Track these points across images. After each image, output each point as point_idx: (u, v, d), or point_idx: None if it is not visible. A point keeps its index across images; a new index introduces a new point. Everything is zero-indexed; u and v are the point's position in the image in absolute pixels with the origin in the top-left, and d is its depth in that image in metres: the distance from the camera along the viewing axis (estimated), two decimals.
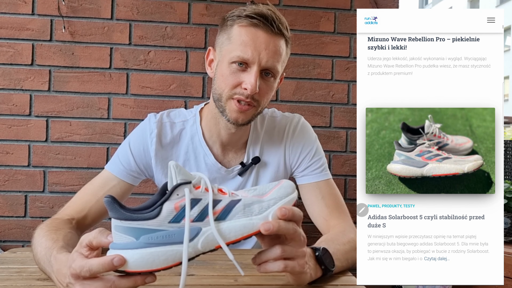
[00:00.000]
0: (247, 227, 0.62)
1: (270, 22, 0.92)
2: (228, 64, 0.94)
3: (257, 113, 0.99)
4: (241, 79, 0.93)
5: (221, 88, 0.95)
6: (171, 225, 0.59)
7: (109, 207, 0.59)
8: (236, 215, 0.63)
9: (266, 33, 0.92)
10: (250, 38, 0.92)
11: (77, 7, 1.55)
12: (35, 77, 1.54)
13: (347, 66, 1.66)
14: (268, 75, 0.95)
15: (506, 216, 1.44)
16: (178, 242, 0.59)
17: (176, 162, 0.63)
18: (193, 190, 0.62)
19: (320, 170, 1.07)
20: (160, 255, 0.58)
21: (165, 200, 0.61)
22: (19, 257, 0.93)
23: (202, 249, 0.60)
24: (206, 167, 1.05)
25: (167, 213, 0.60)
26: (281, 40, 0.96)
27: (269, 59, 0.92)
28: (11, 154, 1.54)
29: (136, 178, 1.05)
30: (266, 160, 1.09)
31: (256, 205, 0.64)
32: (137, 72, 1.58)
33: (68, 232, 0.84)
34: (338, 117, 1.66)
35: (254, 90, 0.91)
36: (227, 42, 0.95)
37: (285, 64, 1.01)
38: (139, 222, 0.59)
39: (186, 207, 0.60)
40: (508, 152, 1.73)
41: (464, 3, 23.93)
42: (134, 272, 0.58)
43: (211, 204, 0.61)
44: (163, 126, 1.05)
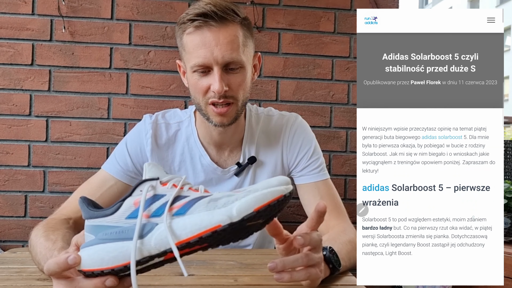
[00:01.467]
0: (204, 221, 0.53)
1: (210, 17, 0.89)
2: (191, 73, 0.94)
3: (239, 108, 0.98)
4: (207, 82, 0.93)
5: (195, 97, 0.97)
6: (127, 221, 0.56)
7: (80, 206, 0.58)
8: (196, 209, 0.55)
9: (211, 30, 0.90)
10: (198, 41, 0.91)
11: (77, 7, 1.55)
12: (35, 77, 1.54)
13: (347, 66, 1.66)
14: (233, 69, 0.93)
15: (506, 216, 1.44)
16: (129, 239, 0.54)
17: (153, 163, 0.61)
18: (159, 186, 0.58)
19: (318, 170, 1.07)
20: (110, 252, 0.54)
21: (127, 196, 0.58)
22: (19, 257, 0.93)
23: (155, 247, 0.53)
24: (202, 167, 1.05)
25: (125, 209, 0.57)
26: (231, 28, 0.91)
27: (224, 53, 0.90)
28: (11, 154, 1.54)
29: (133, 178, 1.05)
30: (262, 159, 1.08)
31: (224, 198, 0.55)
32: (137, 72, 1.58)
33: (66, 232, 0.83)
34: (338, 117, 1.66)
35: (221, 90, 0.90)
36: (183, 52, 0.96)
37: (249, 47, 0.97)
38: (99, 219, 0.57)
39: (142, 200, 0.56)
40: (508, 152, 1.73)
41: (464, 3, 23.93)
42: (88, 271, 0.55)
43: (172, 198, 0.56)
44: (158, 127, 1.05)
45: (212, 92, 0.92)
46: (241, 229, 0.54)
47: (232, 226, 0.52)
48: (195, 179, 1.05)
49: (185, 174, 1.04)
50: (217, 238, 0.53)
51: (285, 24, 1.63)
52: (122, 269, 0.54)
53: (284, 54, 1.63)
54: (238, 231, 0.54)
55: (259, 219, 0.54)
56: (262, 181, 0.56)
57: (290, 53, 1.64)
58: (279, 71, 1.63)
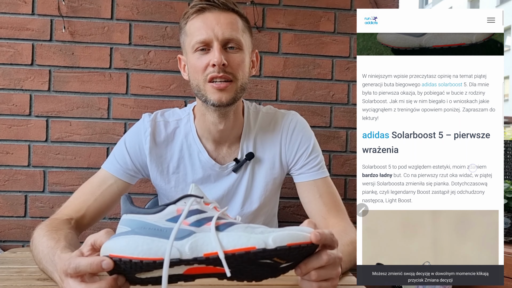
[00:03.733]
0: (242, 239, 0.57)
1: (213, 1, 0.95)
2: (192, 54, 0.97)
3: (238, 88, 0.97)
4: (207, 59, 0.95)
5: (195, 77, 0.97)
6: (166, 223, 0.59)
7: (123, 203, 0.61)
8: (235, 229, 0.59)
9: (213, 12, 0.96)
10: (200, 22, 0.96)
11: (77, 7, 1.55)
12: (35, 77, 1.54)
13: (347, 66, 1.66)
14: (232, 48, 0.96)
15: (506, 216, 1.44)
16: (166, 237, 0.57)
17: (197, 185, 0.65)
18: (202, 204, 0.63)
19: (318, 168, 1.07)
20: (145, 243, 0.56)
21: (171, 203, 0.61)
22: (19, 257, 0.93)
23: (188, 252, 0.57)
24: (200, 164, 1.05)
25: (167, 213, 0.60)
26: (232, 15, 0.97)
27: (224, 30, 0.94)
28: (11, 154, 1.54)
29: (133, 176, 1.05)
30: (261, 156, 1.08)
31: (261, 228, 0.60)
32: (137, 72, 1.58)
33: (68, 232, 0.84)
34: (338, 117, 1.66)
35: (220, 61, 0.92)
36: (186, 38, 0.99)
37: (248, 38, 1.02)
38: (140, 215, 0.60)
39: (185, 207, 0.60)
40: (508, 152, 1.73)
41: (464, 3, 23.92)
42: (116, 256, 0.56)
43: (216, 215, 0.61)
44: (157, 125, 1.06)
45: (210, 68, 0.94)
46: (269, 260, 0.58)
47: (265, 252, 0.56)
48: (193, 176, 1.05)
49: (183, 171, 1.05)
50: (247, 261, 0.57)
51: (285, 24, 1.63)
52: (151, 263, 0.56)
53: (284, 54, 1.63)
54: (265, 266, 0.59)
55: (288, 256, 0.59)
56: (296, 226, 0.60)
57: (290, 53, 1.64)
58: (279, 71, 1.63)
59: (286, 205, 1.64)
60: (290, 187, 1.20)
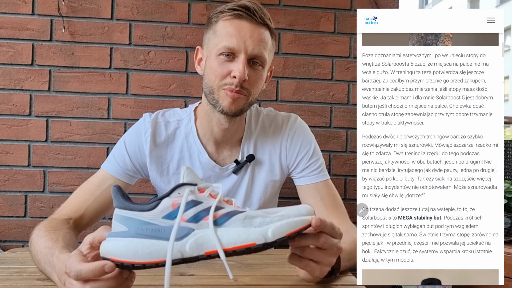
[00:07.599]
0: (241, 237, 0.58)
1: (252, 13, 0.94)
2: (216, 56, 0.95)
3: (248, 103, 0.99)
4: (229, 68, 0.94)
5: (211, 80, 0.97)
6: (163, 221, 0.58)
7: (113, 194, 0.60)
8: (233, 223, 0.59)
9: (250, 23, 0.95)
10: (234, 28, 0.94)
11: (77, 7, 1.55)
12: (35, 77, 1.54)
13: (347, 66, 1.66)
14: (256, 64, 0.97)
15: (506, 216, 1.44)
16: (165, 238, 0.57)
17: (190, 167, 0.63)
18: (197, 192, 0.61)
19: (319, 171, 1.07)
20: (145, 248, 0.57)
21: (165, 196, 0.60)
22: (19, 257, 0.93)
23: (189, 252, 0.58)
24: (200, 165, 1.05)
25: (163, 208, 0.59)
26: (265, 30, 0.98)
27: (255, 46, 0.94)
28: (11, 154, 1.54)
29: (132, 177, 1.05)
30: (261, 158, 1.08)
31: (259, 218, 0.60)
32: (137, 72, 1.58)
33: (66, 233, 0.84)
34: (338, 117, 1.66)
35: (242, 77, 0.92)
36: (213, 37, 0.98)
37: (272, 55, 1.02)
38: (134, 213, 0.59)
39: (182, 204, 0.59)
40: (508, 152, 1.73)
41: (464, 3, 23.92)
42: (118, 261, 0.57)
43: (213, 207, 0.60)
44: (158, 125, 1.05)
45: (230, 79, 0.94)
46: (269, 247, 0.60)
47: (265, 246, 0.59)
48: None
49: None
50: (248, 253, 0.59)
51: (285, 24, 1.63)
52: (153, 265, 0.57)
53: (284, 54, 1.63)
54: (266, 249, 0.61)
55: (286, 241, 0.62)
56: (291, 207, 0.63)
57: (290, 53, 1.64)
58: (279, 71, 1.63)
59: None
60: (290, 187, 1.20)
